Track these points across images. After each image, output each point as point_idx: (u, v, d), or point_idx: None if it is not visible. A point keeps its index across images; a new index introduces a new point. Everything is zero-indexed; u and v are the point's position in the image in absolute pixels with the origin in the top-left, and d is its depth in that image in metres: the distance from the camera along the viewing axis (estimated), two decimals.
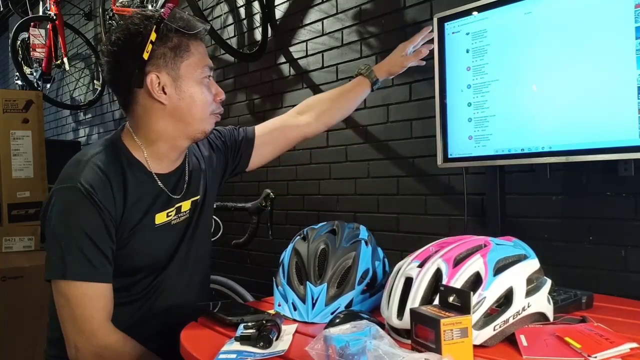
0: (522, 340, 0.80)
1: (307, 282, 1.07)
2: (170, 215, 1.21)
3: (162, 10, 1.14)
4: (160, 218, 1.19)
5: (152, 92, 1.12)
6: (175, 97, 1.14)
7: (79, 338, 1.08)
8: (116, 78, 1.16)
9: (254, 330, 0.90)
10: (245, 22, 2.57)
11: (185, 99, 1.14)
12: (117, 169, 1.13)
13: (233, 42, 2.60)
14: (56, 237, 1.08)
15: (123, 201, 1.12)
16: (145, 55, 1.10)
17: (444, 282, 0.84)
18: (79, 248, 1.07)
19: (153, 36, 1.10)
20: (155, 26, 1.10)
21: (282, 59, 2.34)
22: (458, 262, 0.86)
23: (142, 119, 1.17)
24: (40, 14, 4.09)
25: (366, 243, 1.13)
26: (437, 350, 0.70)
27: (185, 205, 1.24)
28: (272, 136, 1.44)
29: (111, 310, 1.11)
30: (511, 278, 0.84)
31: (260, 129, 1.45)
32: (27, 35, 4.06)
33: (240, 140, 1.41)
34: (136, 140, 1.18)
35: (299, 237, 1.18)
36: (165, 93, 1.13)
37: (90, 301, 1.08)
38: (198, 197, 1.27)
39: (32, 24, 3.97)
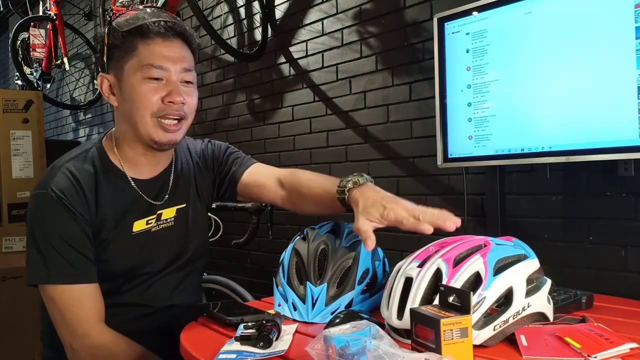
0: (522, 340, 0.80)
1: (307, 282, 1.07)
2: (151, 223, 1.19)
3: (122, 11, 1.15)
4: (139, 225, 1.17)
5: (102, 93, 1.15)
6: (120, 98, 1.13)
7: (73, 340, 1.08)
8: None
9: (254, 330, 0.90)
10: (245, 22, 2.57)
11: (127, 100, 1.11)
12: (90, 174, 1.13)
13: (233, 42, 2.60)
14: (35, 242, 1.08)
15: (95, 206, 1.12)
16: (104, 59, 1.13)
17: (444, 282, 0.84)
18: (58, 252, 1.07)
19: (106, 39, 1.11)
20: (107, 29, 1.12)
21: (282, 59, 2.34)
22: (458, 262, 0.86)
23: (115, 123, 1.19)
24: (40, 14, 4.09)
25: None
26: (437, 350, 0.70)
27: (168, 213, 1.21)
28: (250, 189, 1.30)
29: (102, 310, 1.11)
30: (511, 278, 0.84)
31: (245, 177, 1.30)
32: (27, 35, 4.06)
33: (226, 173, 1.31)
34: (112, 144, 1.18)
35: (299, 237, 1.18)
36: (114, 95, 1.14)
37: (79, 302, 1.08)
38: (184, 205, 1.24)
39: (32, 24, 3.97)
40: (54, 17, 3.78)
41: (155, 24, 1.09)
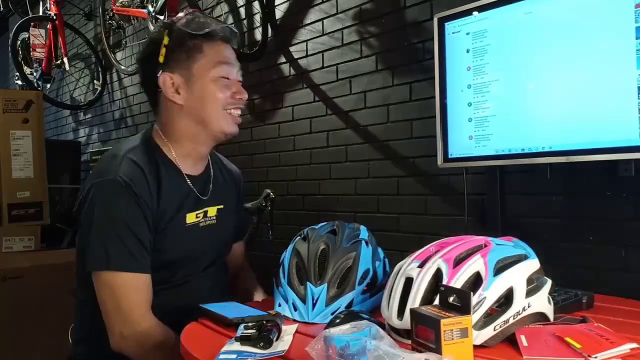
0: (523, 340, 0.80)
1: (308, 283, 1.07)
2: (199, 217, 1.26)
3: (179, 15, 1.23)
4: (191, 218, 1.24)
5: (166, 93, 1.20)
6: (189, 98, 1.20)
7: (124, 327, 1.12)
8: (143, 83, 1.27)
9: (254, 331, 0.90)
10: (245, 22, 2.57)
11: (198, 99, 1.20)
12: (152, 164, 1.19)
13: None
14: (98, 229, 1.12)
15: (157, 195, 1.17)
16: (161, 59, 1.19)
17: (444, 282, 0.84)
18: (121, 239, 1.11)
19: (166, 40, 1.19)
20: (167, 31, 1.19)
21: (282, 59, 2.34)
22: (458, 262, 0.86)
23: (166, 119, 1.24)
24: (40, 14, 4.08)
25: (366, 243, 1.13)
26: (437, 350, 0.70)
27: (212, 211, 1.29)
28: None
29: (151, 300, 1.16)
30: (511, 278, 0.84)
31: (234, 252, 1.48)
32: (27, 35, 4.05)
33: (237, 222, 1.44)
34: (164, 140, 1.24)
35: (299, 237, 1.18)
36: (179, 94, 1.20)
37: (134, 291, 1.12)
38: (222, 206, 1.32)
39: (32, 24, 3.96)
40: (54, 17, 3.78)
41: (220, 29, 1.23)
